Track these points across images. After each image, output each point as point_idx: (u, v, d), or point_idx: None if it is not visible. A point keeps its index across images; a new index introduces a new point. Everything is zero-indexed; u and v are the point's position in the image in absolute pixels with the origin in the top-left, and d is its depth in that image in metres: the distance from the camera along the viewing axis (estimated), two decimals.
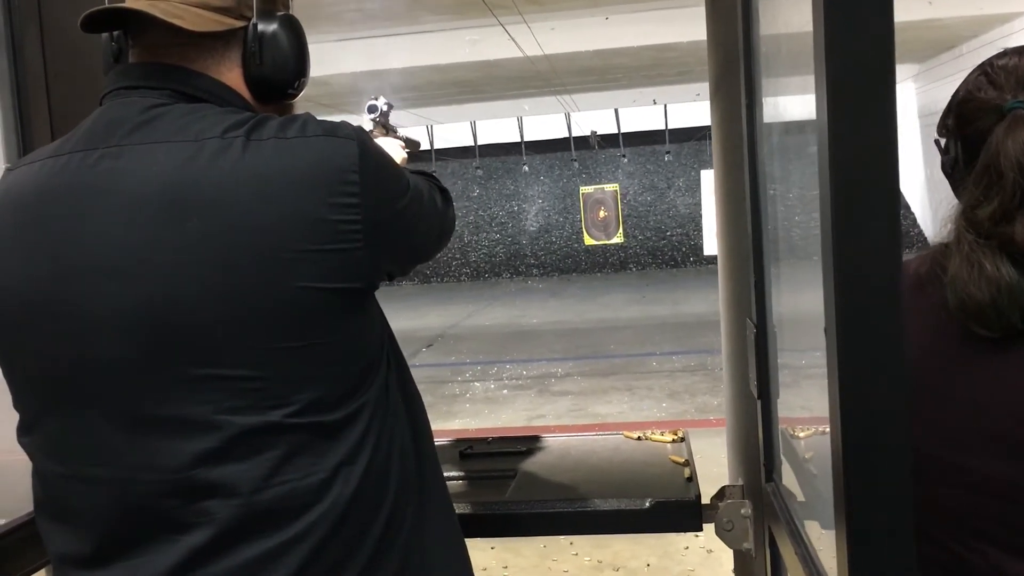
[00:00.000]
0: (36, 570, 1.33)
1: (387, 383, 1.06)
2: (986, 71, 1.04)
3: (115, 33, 1.09)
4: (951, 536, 1.02)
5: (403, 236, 1.07)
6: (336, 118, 1.06)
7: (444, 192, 1.23)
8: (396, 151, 1.55)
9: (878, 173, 0.70)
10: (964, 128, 1.05)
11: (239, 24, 1.05)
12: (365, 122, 1.59)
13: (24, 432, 1.04)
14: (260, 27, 1.06)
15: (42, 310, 0.97)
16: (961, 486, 1.01)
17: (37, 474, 1.05)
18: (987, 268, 0.96)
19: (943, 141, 1.10)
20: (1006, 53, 1.05)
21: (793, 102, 1.06)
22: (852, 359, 0.72)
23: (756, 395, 1.39)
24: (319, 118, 1.02)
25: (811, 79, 0.75)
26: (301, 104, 1.15)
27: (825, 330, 0.76)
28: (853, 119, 0.70)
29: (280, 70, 1.07)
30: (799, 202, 1.11)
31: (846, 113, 0.70)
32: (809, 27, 0.75)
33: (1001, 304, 0.96)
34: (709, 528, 1.58)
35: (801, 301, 1.03)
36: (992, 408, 0.98)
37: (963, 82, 1.07)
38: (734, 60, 1.44)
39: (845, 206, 0.71)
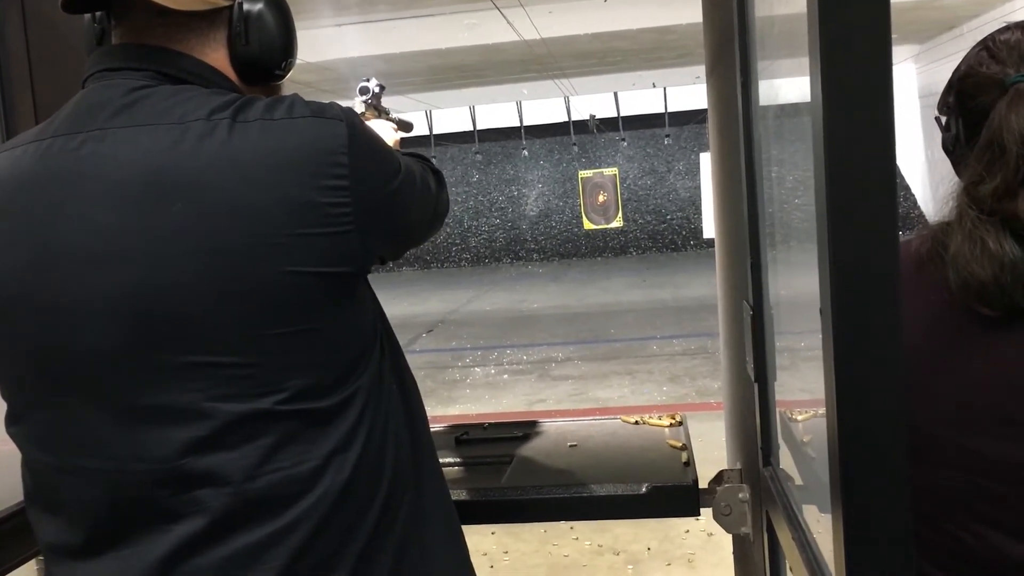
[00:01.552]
0: (26, 560, 1.32)
1: (380, 369, 1.04)
2: (988, 46, 1.02)
3: (97, 14, 1.07)
4: (951, 519, 1.02)
5: (395, 219, 1.06)
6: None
7: (437, 174, 1.21)
8: (388, 133, 1.53)
9: (874, 152, 0.69)
10: (966, 104, 1.03)
11: (225, 3, 1.03)
12: (357, 104, 1.57)
13: (12, 423, 1.03)
14: (246, 6, 1.04)
15: (26, 298, 0.95)
16: (962, 467, 1.00)
17: (26, 465, 1.04)
18: (990, 245, 0.95)
19: (944, 119, 1.09)
20: (1008, 28, 1.03)
21: (789, 83, 1.05)
22: (848, 340, 0.71)
23: (753, 378, 1.38)
24: (308, 99, 1.00)
25: (806, 60, 0.73)
26: (301, 90, 1.13)
27: (821, 311, 0.75)
28: (848, 98, 0.69)
29: (267, 51, 1.05)
30: (798, 183, 1.09)
31: (841, 92, 0.69)
32: (803, 7, 0.73)
33: (1004, 281, 0.94)
34: (709, 512, 1.58)
35: (801, 283, 1.02)
36: (994, 387, 0.97)
37: (964, 58, 1.06)
38: (729, 42, 1.43)
39: (840, 186, 0.70)
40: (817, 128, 0.71)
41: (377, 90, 1.58)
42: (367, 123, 1.35)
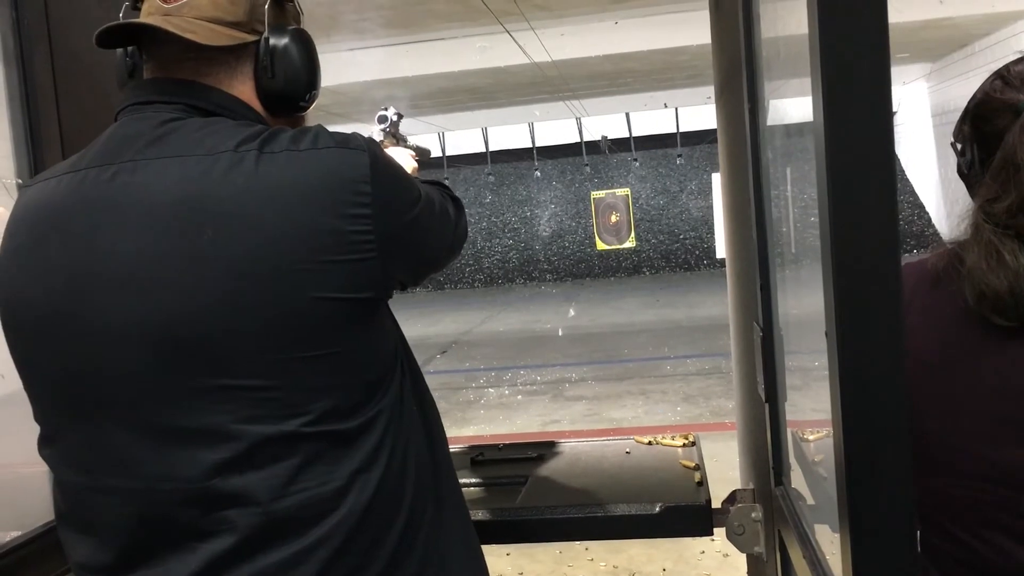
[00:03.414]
0: None
1: (402, 391, 1.07)
2: (1002, 75, 1.07)
3: (129, 49, 1.11)
4: (962, 526, 1.04)
5: (415, 245, 1.08)
6: (347, 127, 1.07)
7: (456, 201, 1.24)
8: (407, 161, 1.56)
9: (875, 174, 0.71)
10: (981, 128, 1.08)
11: (251, 38, 1.07)
12: (375, 132, 1.59)
13: (45, 444, 1.06)
14: (272, 41, 1.07)
15: (60, 323, 0.99)
16: (976, 475, 1.02)
17: (58, 485, 1.06)
18: (1006, 257, 0.99)
19: (959, 145, 1.13)
20: (1023, 60, 1.08)
21: (800, 103, 1.07)
22: (852, 362, 0.72)
23: (764, 399, 1.39)
24: (331, 129, 1.03)
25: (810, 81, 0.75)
26: (313, 113, 1.17)
27: (826, 333, 0.77)
28: (849, 120, 0.71)
29: (292, 83, 1.09)
30: (812, 202, 1.11)
31: (842, 114, 0.71)
32: (806, 29, 0.75)
33: (1019, 292, 0.98)
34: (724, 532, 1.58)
35: (812, 303, 1.03)
36: (1009, 396, 0.99)
37: (980, 87, 1.11)
38: (738, 64, 1.45)
39: (843, 208, 0.72)
40: (819, 149, 0.73)
41: (395, 118, 1.61)
42: (387, 152, 1.39)
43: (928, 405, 1.04)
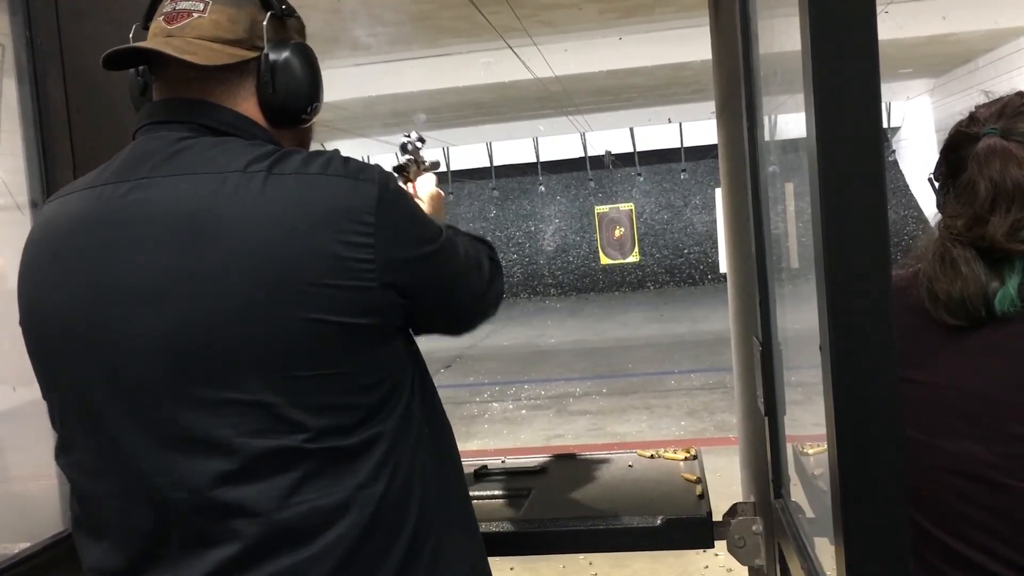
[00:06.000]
0: None
1: (409, 412, 1.08)
2: (972, 115, 1.20)
3: (140, 68, 1.14)
4: (932, 520, 1.10)
5: (428, 284, 1.08)
6: (352, 142, 1.09)
7: (495, 262, 1.25)
8: (430, 186, 1.54)
9: (866, 191, 0.73)
10: (950, 157, 1.19)
11: (252, 55, 1.09)
12: (400, 159, 1.59)
13: (62, 452, 1.08)
14: (272, 56, 1.09)
15: (77, 334, 1.01)
16: (939, 468, 1.10)
17: (75, 493, 1.09)
18: (960, 265, 1.10)
19: (937, 183, 1.23)
20: (992, 103, 1.20)
21: (797, 119, 1.08)
22: (845, 375, 0.74)
23: (763, 412, 1.40)
24: (343, 148, 1.04)
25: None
26: (318, 128, 1.19)
27: (820, 347, 0.78)
28: (841, 137, 0.73)
29: (293, 97, 1.10)
30: (810, 219, 1.13)
31: (833, 131, 0.73)
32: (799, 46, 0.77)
33: (968, 295, 1.08)
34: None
35: (812, 318, 1.05)
36: (961, 390, 1.09)
37: (955, 124, 1.23)
38: (737, 80, 1.47)
39: (834, 224, 0.73)
40: (812, 165, 0.75)
41: (419, 144, 1.62)
42: (418, 178, 1.43)
43: None
